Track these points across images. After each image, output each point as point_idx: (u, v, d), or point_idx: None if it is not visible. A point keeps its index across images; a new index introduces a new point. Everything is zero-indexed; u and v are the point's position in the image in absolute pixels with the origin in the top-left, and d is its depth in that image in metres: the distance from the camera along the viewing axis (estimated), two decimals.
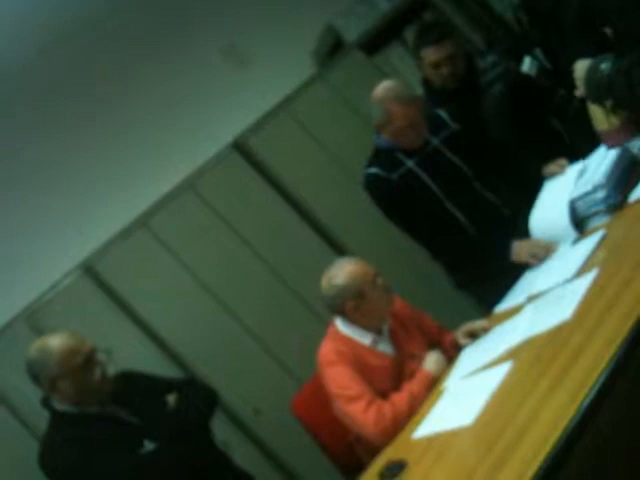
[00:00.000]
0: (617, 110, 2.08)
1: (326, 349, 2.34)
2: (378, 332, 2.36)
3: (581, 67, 2.13)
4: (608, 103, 2.04)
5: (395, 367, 2.34)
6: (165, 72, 3.96)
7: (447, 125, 2.75)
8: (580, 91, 2.15)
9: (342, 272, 2.29)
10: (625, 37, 2.21)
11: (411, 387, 2.21)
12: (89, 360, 2.19)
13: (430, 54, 2.92)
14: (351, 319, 2.33)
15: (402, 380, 2.29)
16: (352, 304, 2.27)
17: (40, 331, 3.18)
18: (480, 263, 2.58)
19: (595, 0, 2.34)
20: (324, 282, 2.31)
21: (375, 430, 2.13)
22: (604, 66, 2.00)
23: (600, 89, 2.03)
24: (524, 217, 2.53)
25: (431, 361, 2.27)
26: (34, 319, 3.28)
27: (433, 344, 2.43)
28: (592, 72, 2.05)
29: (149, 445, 2.16)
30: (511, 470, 1.42)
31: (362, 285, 2.26)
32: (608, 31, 2.29)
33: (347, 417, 2.22)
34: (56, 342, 2.19)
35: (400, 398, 2.17)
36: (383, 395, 2.22)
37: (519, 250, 2.47)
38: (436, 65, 2.92)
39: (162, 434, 2.19)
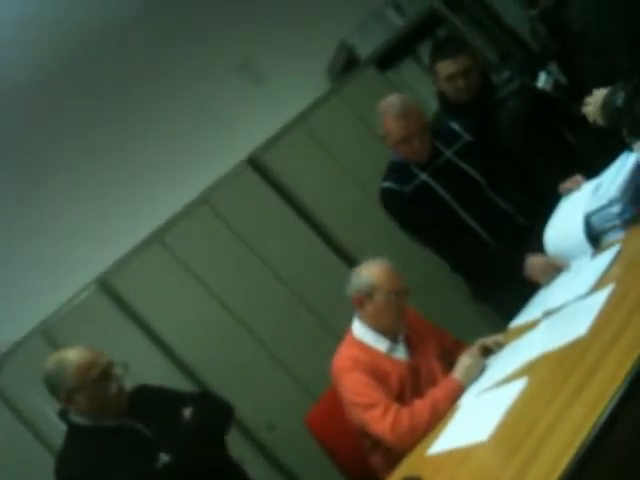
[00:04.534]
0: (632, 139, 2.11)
1: (341, 356, 2.37)
2: (394, 340, 2.38)
3: (596, 99, 2.15)
4: (624, 132, 2.07)
5: (411, 373, 2.35)
6: (182, 87, 4.00)
7: (460, 136, 2.77)
8: (597, 121, 2.17)
9: (372, 268, 2.41)
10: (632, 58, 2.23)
11: (434, 393, 2.19)
12: (105, 374, 2.21)
13: (445, 67, 2.93)
14: (358, 313, 2.41)
15: (419, 387, 2.30)
16: (359, 297, 2.37)
17: (56, 345, 3.20)
18: (497, 270, 2.58)
19: (601, 24, 2.36)
20: (358, 267, 2.44)
21: (392, 436, 2.13)
22: (615, 98, 2.03)
23: (613, 121, 2.06)
24: (539, 227, 2.53)
25: (462, 367, 2.22)
26: (50, 333, 3.30)
27: (448, 356, 2.43)
28: (607, 103, 2.07)
29: (164, 457, 2.16)
30: None
31: (375, 288, 2.35)
32: (616, 52, 2.31)
33: (364, 424, 2.22)
34: (73, 355, 2.21)
35: (422, 404, 2.16)
36: (401, 401, 2.22)
37: (532, 267, 2.48)
38: (451, 78, 2.93)
39: (177, 447, 2.19)
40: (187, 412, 2.31)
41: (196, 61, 4.01)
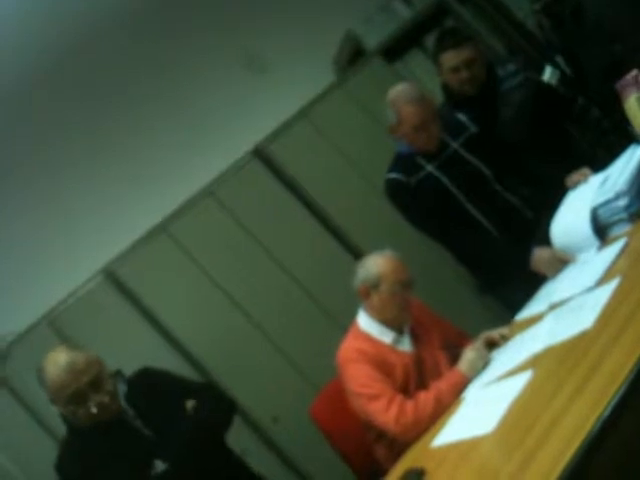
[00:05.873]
0: None
1: (346, 347, 2.37)
2: (399, 331, 2.39)
3: None
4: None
5: (415, 365, 2.35)
6: (187, 80, 4.00)
7: (467, 128, 2.76)
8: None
9: (378, 259, 2.41)
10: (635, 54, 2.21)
11: (439, 385, 2.20)
12: (79, 395, 2.15)
13: (449, 59, 2.92)
14: (364, 304, 2.41)
15: (423, 378, 2.30)
16: (365, 288, 2.38)
17: (62, 335, 3.22)
18: (502, 263, 2.58)
19: (604, 18, 2.35)
20: (364, 258, 2.46)
21: (396, 427, 2.14)
22: None
23: None
24: (545, 219, 2.53)
25: (466, 361, 2.22)
26: (56, 323, 3.31)
27: (453, 348, 2.43)
28: None
29: (160, 466, 2.14)
30: (531, 477, 1.41)
31: (381, 278, 2.35)
32: (618, 47, 2.29)
33: (369, 415, 2.23)
34: (49, 372, 2.18)
35: (426, 396, 2.17)
36: (405, 393, 2.23)
37: (538, 260, 2.47)
38: (455, 70, 2.92)
39: (174, 454, 2.17)
40: (189, 404, 2.29)
41: (201, 54, 4.01)
